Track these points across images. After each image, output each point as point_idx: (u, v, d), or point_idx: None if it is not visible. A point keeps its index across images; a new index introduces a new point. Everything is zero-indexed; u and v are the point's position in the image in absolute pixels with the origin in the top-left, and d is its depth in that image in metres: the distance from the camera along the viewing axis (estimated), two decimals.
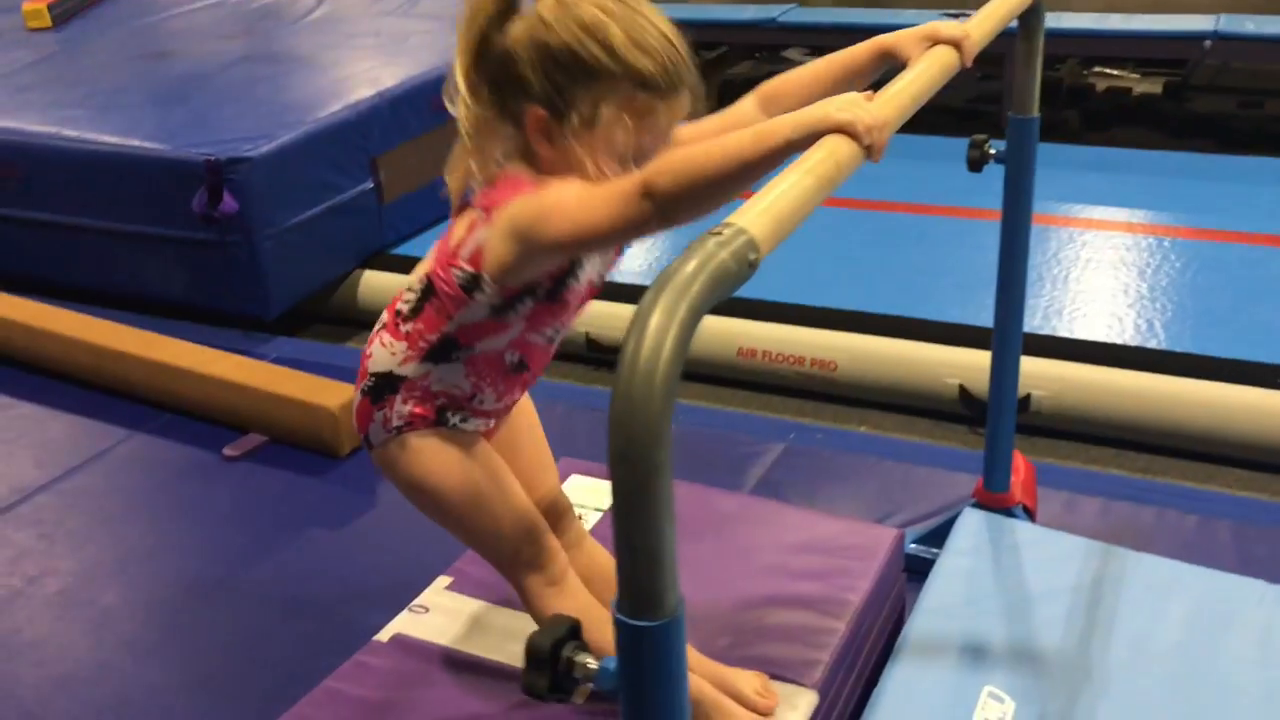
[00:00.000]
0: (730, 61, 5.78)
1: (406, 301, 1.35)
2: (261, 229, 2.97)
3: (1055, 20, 4.23)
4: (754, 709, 1.47)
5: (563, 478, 2.12)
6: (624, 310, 2.88)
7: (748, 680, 1.50)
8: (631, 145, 1.20)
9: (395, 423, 1.36)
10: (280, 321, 3.18)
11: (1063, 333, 2.70)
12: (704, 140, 1.11)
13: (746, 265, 0.73)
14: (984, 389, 1.94)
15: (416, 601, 1.71)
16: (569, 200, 1.14)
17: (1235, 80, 4.77)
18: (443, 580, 1.75)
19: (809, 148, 0.94)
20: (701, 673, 1.48)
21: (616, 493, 0.69)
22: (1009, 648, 1.61)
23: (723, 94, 5.34)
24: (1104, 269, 3.04)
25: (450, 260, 1.28)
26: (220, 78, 3.62)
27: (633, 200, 1.07)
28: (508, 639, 1.61)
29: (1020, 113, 1.68)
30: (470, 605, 1.69)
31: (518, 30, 1.21)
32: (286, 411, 2.49)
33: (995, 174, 1.75)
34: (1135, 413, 2.53)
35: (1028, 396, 2.53)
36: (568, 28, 1.18)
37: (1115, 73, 5.07)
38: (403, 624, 1.66)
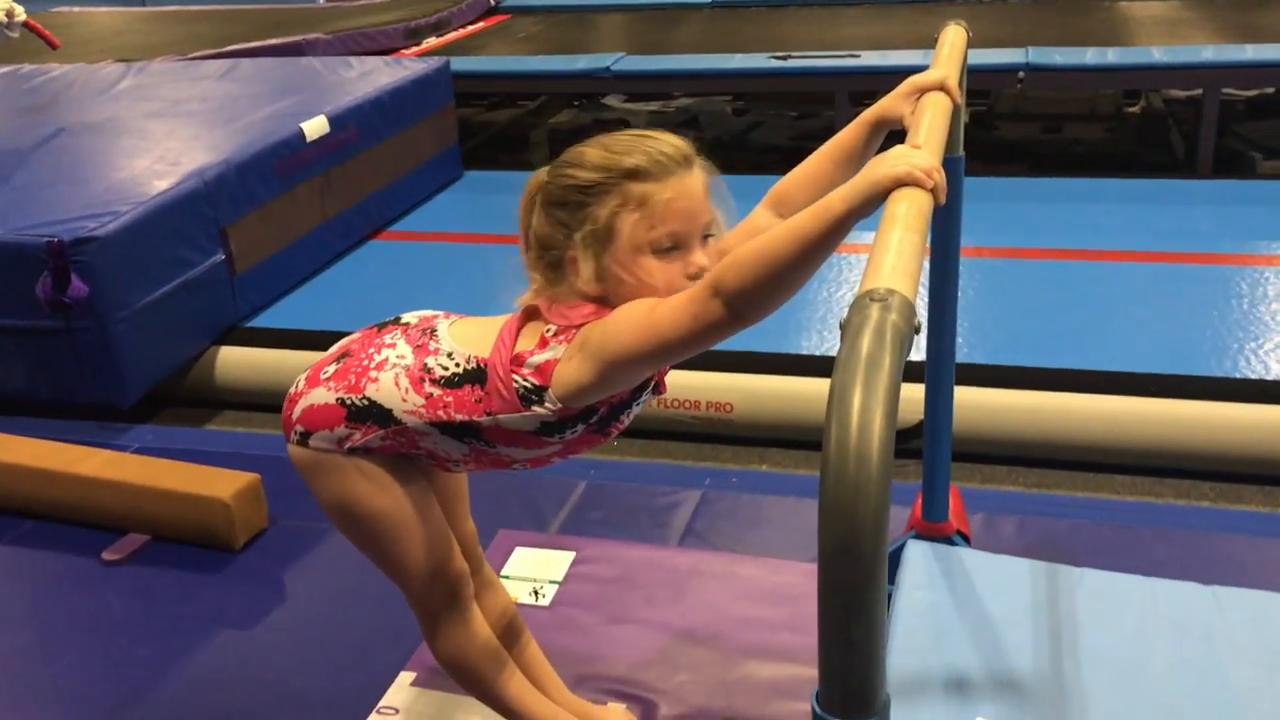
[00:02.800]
0: (551, 111, 5.81)
1: (443, 366, 1.29)
2: (113, 311, 2.75)
3: (882, 59, 4.42)
4: None
5: (505, 551, 2.05)
6: None
7: (616, 716, 1.56)
8: (657, 236, 1.21)
9: (354, 445, 1.30)
10: (134, 409, 2.96)
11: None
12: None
13: (914, 325, 0.71)
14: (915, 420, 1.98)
15: (383, 703, 1.60)
16: (643, 313, 1.15)
17: (1035, 107, 5.09)
18: (406, 676, 1.65)
19: (871, 213, 0.94)
20: (570, 709, 1.52)
21: (834, 588, 0.64)
22: (989, 677, 1.63)
23: (551, 142, 5.37)
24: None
25: (514, 366, 1.25)
26: (41, 153, 3.36)
27: (703, 302, 1.08)
28: None
29: (948, 152, 1.72)
30: (444, 701, 1.60)
31: (537, 211, 1.28)
32: (172, 506, 2.30)
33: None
34: (1021, 430, 2.63)
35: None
36: (556, 174, 1.26)
37: None
38: None
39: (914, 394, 1.95)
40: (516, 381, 1.24)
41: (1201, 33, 4.63)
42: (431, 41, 5.44)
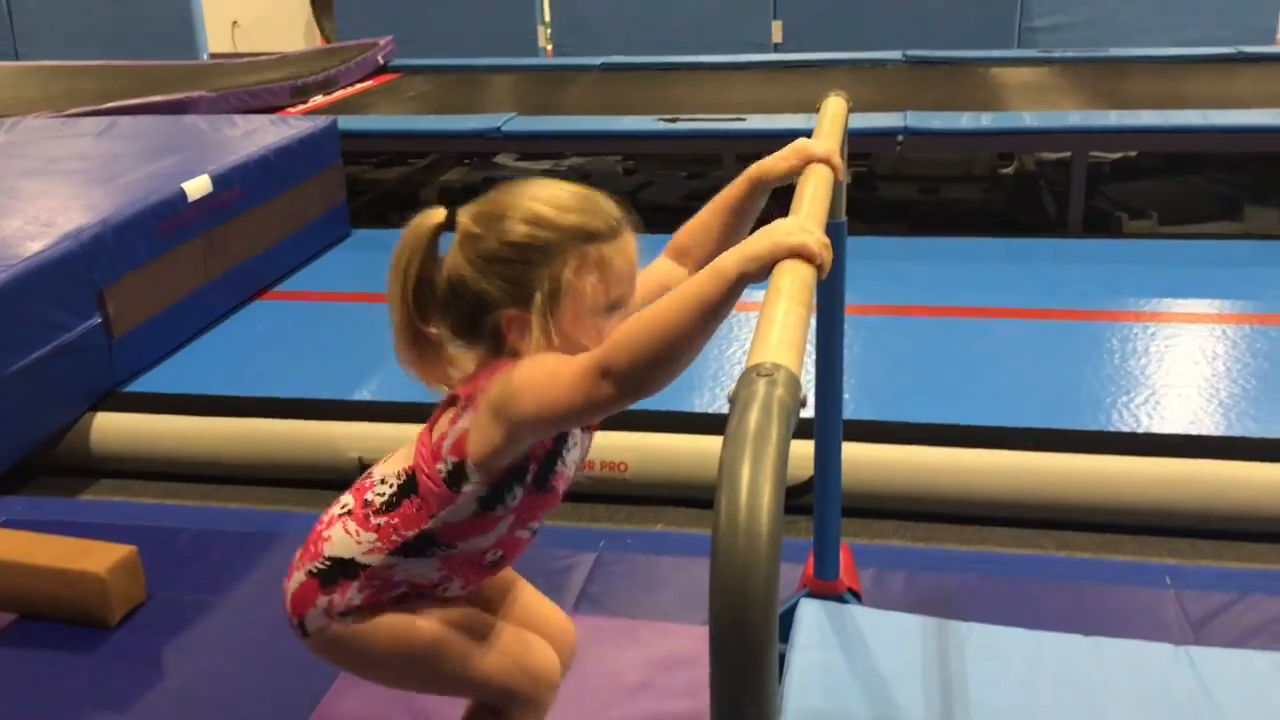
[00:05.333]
0: (441, 168, 5.80)
1: (379, 494, 1.28)
2: None
3: (767, 122, 4.52)
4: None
5: None
6: (392, 430, 2.80)
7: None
8: (611, 299, 1.20)
9: (341, 608, 1.28)
10: (3, 478, 2.83)
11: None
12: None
13: (800, 398, 0.72)
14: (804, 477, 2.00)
15: None
16: (539, 379, 1.13)
17: (913, 169, 5.25)
18: None
19: (762, 279, 0.96)
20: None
21: (725, 664, 0.64)
22: None
23: (441, 199, 5.35)
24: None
25: (434, 455, 1.23)
26: None
27: (595, 382, 1.07)
28: None
29: (833, 219, 1.76)
30: None
31: (452, 258, 1.22)
32: (41, 582, 2.20)
33: None
34: (908, 485, 2.68)
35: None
36: (496, 228, 1.20)
37: None
38: None
39: (804, 449, 1.98)
40: (441, 470, 1.23)
41: (1070, 99, 4.85)
42: (318, 100, 5.40)
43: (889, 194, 5.13)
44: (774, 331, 0.81)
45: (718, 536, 0.64)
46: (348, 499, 1.33)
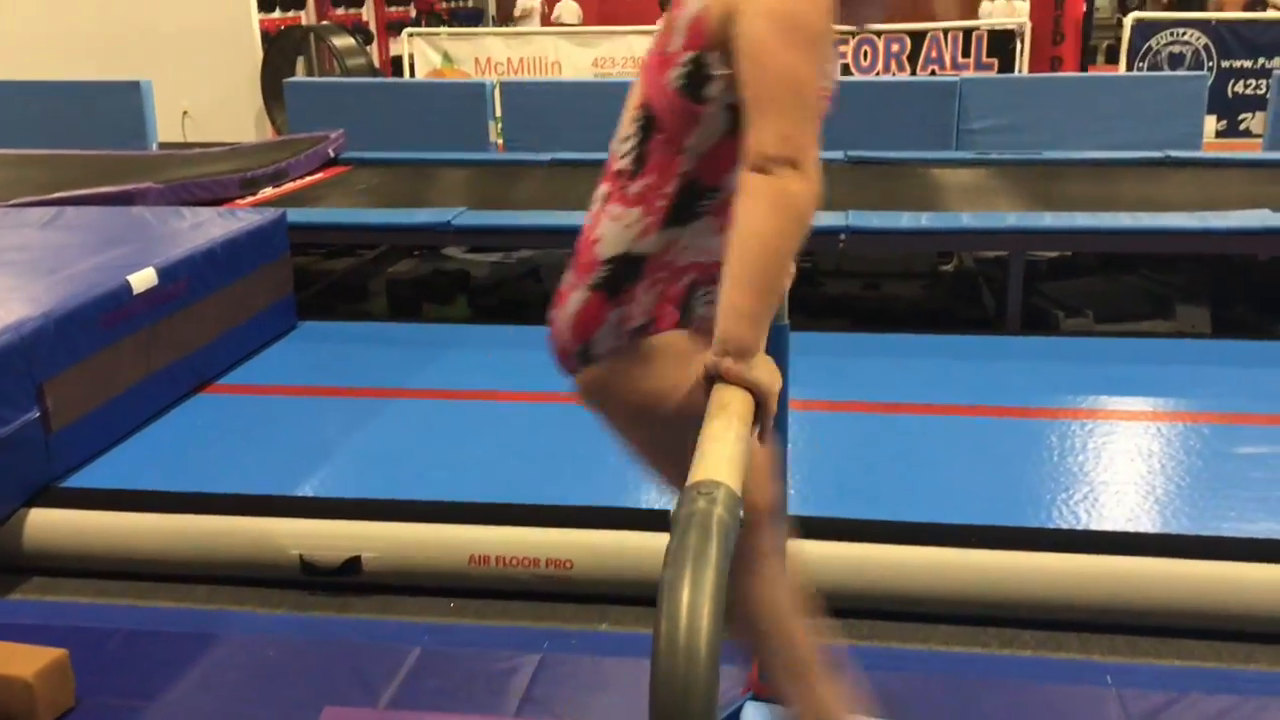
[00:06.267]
0: (390, 260, 5.82)
1: (625, 155, 1.18)
2: None
3: None
4: None
5: None
6: (335, 527, 2.77)
7: None
8: None
9: (638, 320, 1.16)
10: None
11: None
12: None
13: (738, 517, 0.73)
14: None
15: None
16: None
17: (855, 265, 5.35)
18: None
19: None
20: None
21: None
22: None
23: (389, 291, 5.37)
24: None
25: (664, 65, 1.13)
26: None
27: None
28: None
29: (775, 320, 1.79)
30: None
31: None
32: None
33: None
34: (851, 582, 2.69)
35: None
36: None
37: None
38: None
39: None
40: (674, 78, 1.13)
41: (1006, 199, 4.99)
42: (268, 192, 5.41)
43: (832, 289, 5.22)
44: (715, 449, 0.82)
45: (657, 658, 0.64)
46: (604, 186, 1.23)
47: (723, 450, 0.82)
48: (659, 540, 2.44)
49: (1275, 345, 4.18)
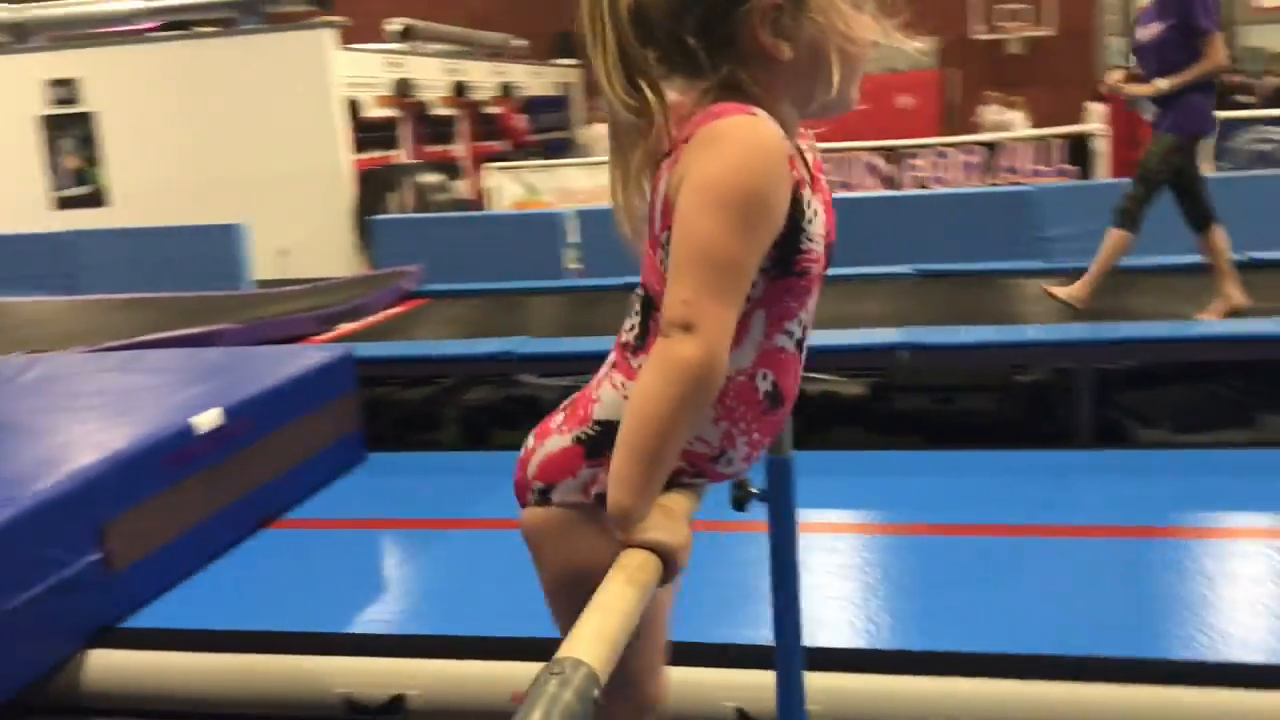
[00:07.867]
0: (466, 388, 5.92)
1: (630, 330, 1.18)
2: None
3: None
4: None
5: None
6: (380, 665, 2.74)
7: None
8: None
9: (600, 488, 1.13)
10: None
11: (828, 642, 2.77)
12: None
13: (591, 701, 0.72)
14: (765, 710, 1.95)
15: None
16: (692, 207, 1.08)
17: (927, 379, 5.28)
18: None
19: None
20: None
21: None
22: None
23: (463, 420, 5.44)
24: (833, 573, 3.15)
25: (653, 246, 1.12)
26: None
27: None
28: None
29: (777, 454, 1.77)
30: None
31: None
32: None
33: None
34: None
35: None
36: None
37: (825, 377, 5.51)
38: None
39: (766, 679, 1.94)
40: (661, 258, 1.12)
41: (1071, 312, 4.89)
42: (345, 327, 5.58)
43: (902, 405, 5.14)
44: (594, 619, 0.81)
45: None
46: (613, 354, 1.23)
47: (602, 622, 0.81)
48: (698, 674, 2.37)
49: None
